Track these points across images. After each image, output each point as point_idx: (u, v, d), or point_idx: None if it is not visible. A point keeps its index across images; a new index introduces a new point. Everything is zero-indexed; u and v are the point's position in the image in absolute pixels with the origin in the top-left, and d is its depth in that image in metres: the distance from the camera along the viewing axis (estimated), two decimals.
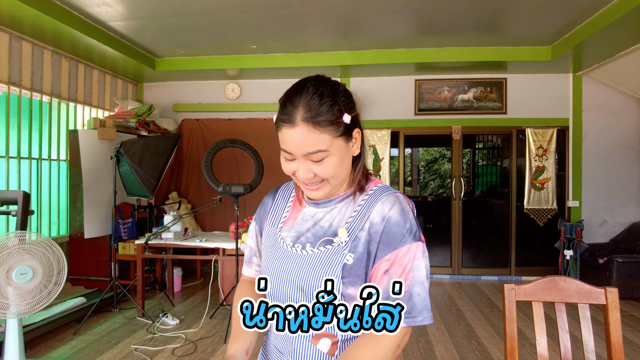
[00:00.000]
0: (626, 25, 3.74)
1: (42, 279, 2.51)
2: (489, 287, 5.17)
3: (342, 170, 0.90)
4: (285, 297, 0.93)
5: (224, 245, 3.92)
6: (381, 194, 0.92)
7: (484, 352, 3.21)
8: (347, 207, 0.94)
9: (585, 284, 1.32)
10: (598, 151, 5.39)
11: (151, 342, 3.33)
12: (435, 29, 4.34)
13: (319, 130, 0.83)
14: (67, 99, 4.66)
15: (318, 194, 0.92)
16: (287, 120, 0.84)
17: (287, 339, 0.95)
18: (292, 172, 0.91)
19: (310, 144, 0.84)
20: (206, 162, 3.88)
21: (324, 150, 0.85)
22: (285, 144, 0.87)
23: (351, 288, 0.86)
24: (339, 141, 0.86)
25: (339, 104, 0.86)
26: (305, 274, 0.89)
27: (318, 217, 0.96)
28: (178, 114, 5.99)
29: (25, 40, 4.04)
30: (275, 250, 0.97)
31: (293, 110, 0.84)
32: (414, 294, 0.85)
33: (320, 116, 0.83)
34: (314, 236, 0.94)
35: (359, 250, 0.88)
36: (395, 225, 0.87)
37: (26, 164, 4.14)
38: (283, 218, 1.02)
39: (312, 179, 0.89)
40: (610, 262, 4.60)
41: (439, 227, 6.33)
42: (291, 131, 0.84)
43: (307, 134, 0.83)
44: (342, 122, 0.85)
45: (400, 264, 0.86)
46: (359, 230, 0.89)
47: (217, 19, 4.08)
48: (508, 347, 1.32)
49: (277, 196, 1.08)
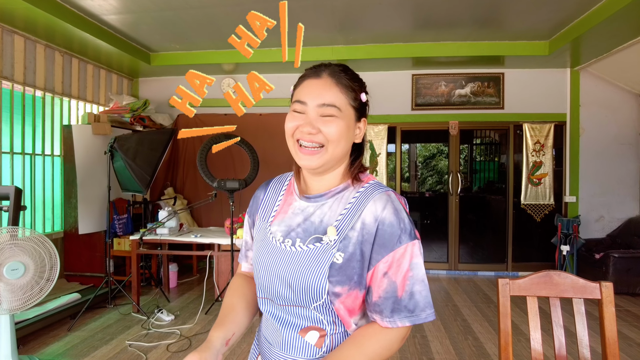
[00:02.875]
0: (623, 20, 3.72)
1: (34, 275, 2.48)
2: (485, 283, 5.17)
3: (342, 141, 0.90)
4: (274, 293, 0.93)
5: (219, 240, 3.90)
6: (372, 192, 0.91)
7: (480, 347, 3.21)
8: (338, 204, 0.93)
9: (580, 278, 1.30)
10: (595, 146, 5.38)
11: (146, 338, 3.32)
12: (433, 23, 4.31)
13: (339, 88, 0.89)
14: (61, 94, 4.61)
15: (312, 161, 0.89)
16: (313, 74, 0.91)
17: (276, 330, 0.95)
18: (294, 128, 0.91)
19: (330, 95, 0.88)
20: (201, 158, 3.85)
21: (337, 107, 0.88)
22: (303, 94, 0.90)
23: (338, 287, 0.85)
24: (351, 111, 0.91)
25: (359, 82, 0.94)
26: (294, 271, 0.89)
27: (309, 211, 0.95)
28: (173, 109, 5.95)
29: (18, 34, 3.99)
30: (265, 245, 0.97)
31: (320, 69, 0.92)
32: (415, 292, 0.85)
33: (344, 80, 0.90)
34: (304, 232, 0.92)
35: (349, 250, 0.86)
36: (390, 227, 0.86)
37: (19, 159, 4.11)
38: (274, 212, 1.01)
39: (314, 136, 0.88)
40: (607, 257, 4.60)
41: (436, 222, 6.32)
42: (315, 80, 0.90)
43: (329, 86, 0.89)
44: (359, 96, 0.92)
45: (399, 264, 0.85)
46: (349, 229, 0.88)
47: (212, 13, 4.03)
48: (502, 342, 1.31)
49: (269, 188, 1.07)
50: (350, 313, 0.89)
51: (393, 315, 0.85)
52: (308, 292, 0.87)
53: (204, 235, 4.01)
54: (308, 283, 0.86)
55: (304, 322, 0.91)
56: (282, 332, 0.93)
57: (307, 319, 0.90)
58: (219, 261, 4.06)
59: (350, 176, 0.95)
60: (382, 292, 0.85)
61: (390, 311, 0.85)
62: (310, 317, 0.90)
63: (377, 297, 0.86)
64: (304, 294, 0.87)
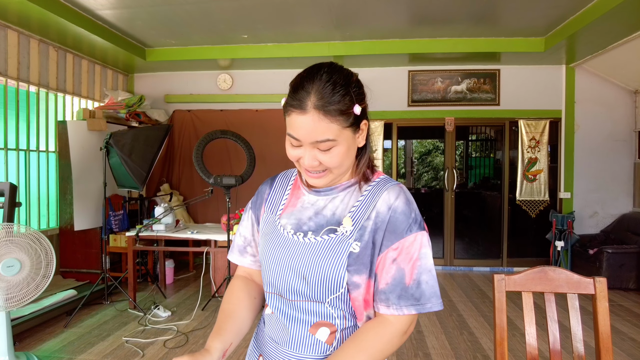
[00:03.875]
0: (619, 17, 3.73)
1: (30, 271, 2.48)
2: (480, 278, 5.21)
3: (346, 161, 0.89)
4: (286, 286, 0.91)
5: (216, 237, 3.90)
6: (385, 185, 0.93)
7: (475, 342, 3.24)
8: (350, 197, 0.93)
9: (574, 274, 1.32)
10: (590, 143, 5.41)
11: (142, 334, 3.32)
12: (429, 19, 4.31)
13: (329, 119, 0.82)
14: (56, 90, 4.58)
15: (320, 182, 0.91)
16: (298, 106, 0.82)
17: (284, 329, 0.94)
18: (296, 158, 0.90)
19: (320, 132, 0.82)
20: (197, 154, 3.84)
21: (332, 140, 0.83)
22: (294, 130, 0.85)
23: (356, 276, 0.86)
24: (347, 132, 0.85)
25: (350, 94, 0.84)
26: (309, 263, 0.88)
27: (319, 205, 0.95)
28: (169, 104, 5.92)
29: (11, 28, 3.95)
30: (275, 238, 0.95)
31: (305, 96, 0.82)
32: (422, 281, 0.86)
33: (332, 105, 0.81)
34: (316, 225, 0.92)
35: (365, 239, 0.87)
36: (402, 215, 0.88)
37: (14, 156, 4.08)
38: (282, 205, 1.00)
39: (317, 167, 0.88)
40: (601, 252, 4.64)
41: (431, 218, 6.35)
42: (301, 117, 0.82)
43: (317, 122, 0.81)
44: (352, 112, 0.84)
45: (408, 252, 0.86)
46: (365, 219, 0.89)
47: (208, 8, 4.01)
48: (497, 337, 1.32)
49: (274, 184, 1.06)
50: (365, 305, 0.89)
51: (400, 301, 0.85)
52: (325, 284, 0.86)
53: (201, 232, 4.01)
54: (326, 274, 0.86)
55: (313, 318, 0.90)
56: (291, 329, 0.92)
57: (318, 314, 0.89)
58: (215, 257, 4.05)
59: (359, 172, 0.95)
60: (390, 278, 0.86)
61: (397, 297, 0.85)
62: (321, 313, 0.89)
63: (384, 285, 0.86)
64: (321, 286, 0.87)
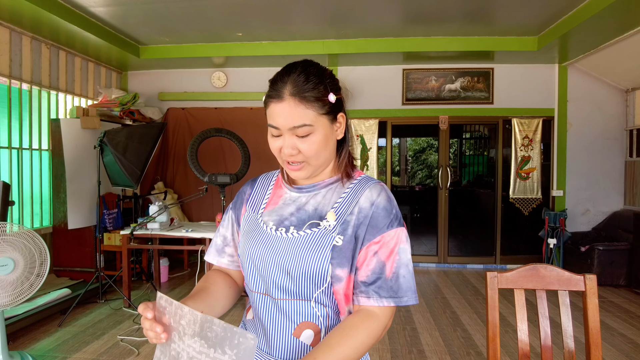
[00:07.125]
0: (610, 17, 3.77)
1: (24, 270, 2.46)
2: (474, 276, 5.25)
3: (324, 151, 0.93)
4: (270, 282, 0.92)
5: (210, 235, 3.90)
6: (367, 182, 0.97)
7: (468, 338, 3.27)
8: (332, 193, 0.96)
9: (565, 271, 1.34)
10: (582, 141, 5.46)
11: (137, 333, 3.32)
12: (423, 18, 4.32)
13: (304, 105, 0.87)
14: (49, 87, 4.54)
15: (300, 174, 0.94)
16: (275, 96, 0.89)
17: (264, 334, 0.94)
18: (278, 149, 0.93)
19: (296, 117, 0.87)
20: (191, 152, 3.84)
21: (309, 125, 0.88)
22: (273, 119, 0.90)
23: (339, 269, 0.88)
24: (323, 119, 0.90)
25: (324, 84, 0.90)
26: (292, 257, 0.89)
27: (301, 201, 0.97)
28: (163, 102, 5.89)
29: (3, 25, 3.91)
30: (257, 235, 0.96)
31: (282, 86, 0.89)
32: (400, 275, 0.89)
33: (307, 92, 0.87)
34: (298, 220, 0.94)
35: (348, 233, 0.90)
36: (384, 210, 0.92)
37: (6, 154, 4.05)
38: (264, 203, 1.02)
39: (296, 157, 0.91)
40: (592, 250, 4.70)
41: (425, 216, 6.39)
42: (278, 105, 0.88)
43: (293, 108, 0.87)
44: (327, 100, 0.90)
45: (388, 246, 0.90)
46: (348, 214, 0.92)
47: (202, 5, 3.99)
48: (490, 334, 1.34)
49: (256, 184, 1.08)
50: (346, 300, 0.90)
51: (380, 293, 0.87)
52: (310, 277, 0.88)
53: (195, 230, 4.01)
54: (310, 267, 0.87)
55: (298, 318, 0.90)
56: (273, 334, 0.92)
57: (302, 314, 0.90)
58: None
59: (340, 170, 0.99)
60: (370, 271, 0.88)
61: (378, 288, 0.88)
62: (305, 313, 0.90)
63: (364, 277, 0.89)
64: (305, 280, 0.88)
